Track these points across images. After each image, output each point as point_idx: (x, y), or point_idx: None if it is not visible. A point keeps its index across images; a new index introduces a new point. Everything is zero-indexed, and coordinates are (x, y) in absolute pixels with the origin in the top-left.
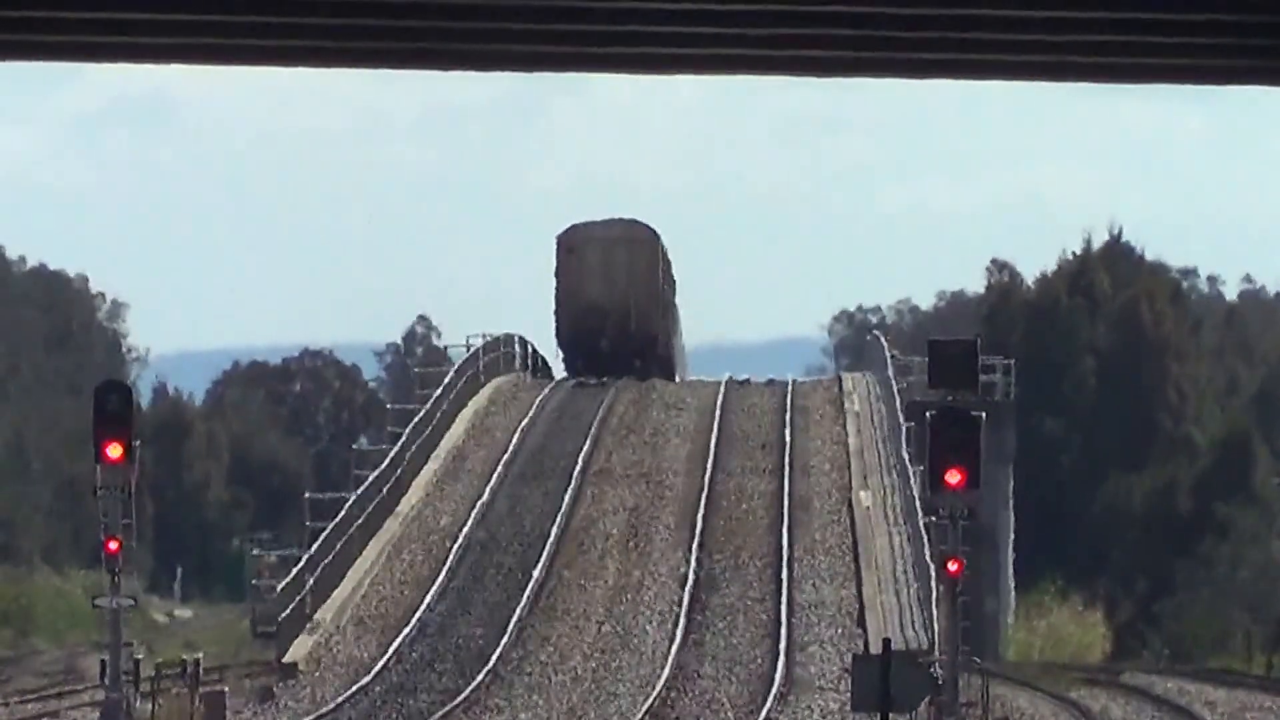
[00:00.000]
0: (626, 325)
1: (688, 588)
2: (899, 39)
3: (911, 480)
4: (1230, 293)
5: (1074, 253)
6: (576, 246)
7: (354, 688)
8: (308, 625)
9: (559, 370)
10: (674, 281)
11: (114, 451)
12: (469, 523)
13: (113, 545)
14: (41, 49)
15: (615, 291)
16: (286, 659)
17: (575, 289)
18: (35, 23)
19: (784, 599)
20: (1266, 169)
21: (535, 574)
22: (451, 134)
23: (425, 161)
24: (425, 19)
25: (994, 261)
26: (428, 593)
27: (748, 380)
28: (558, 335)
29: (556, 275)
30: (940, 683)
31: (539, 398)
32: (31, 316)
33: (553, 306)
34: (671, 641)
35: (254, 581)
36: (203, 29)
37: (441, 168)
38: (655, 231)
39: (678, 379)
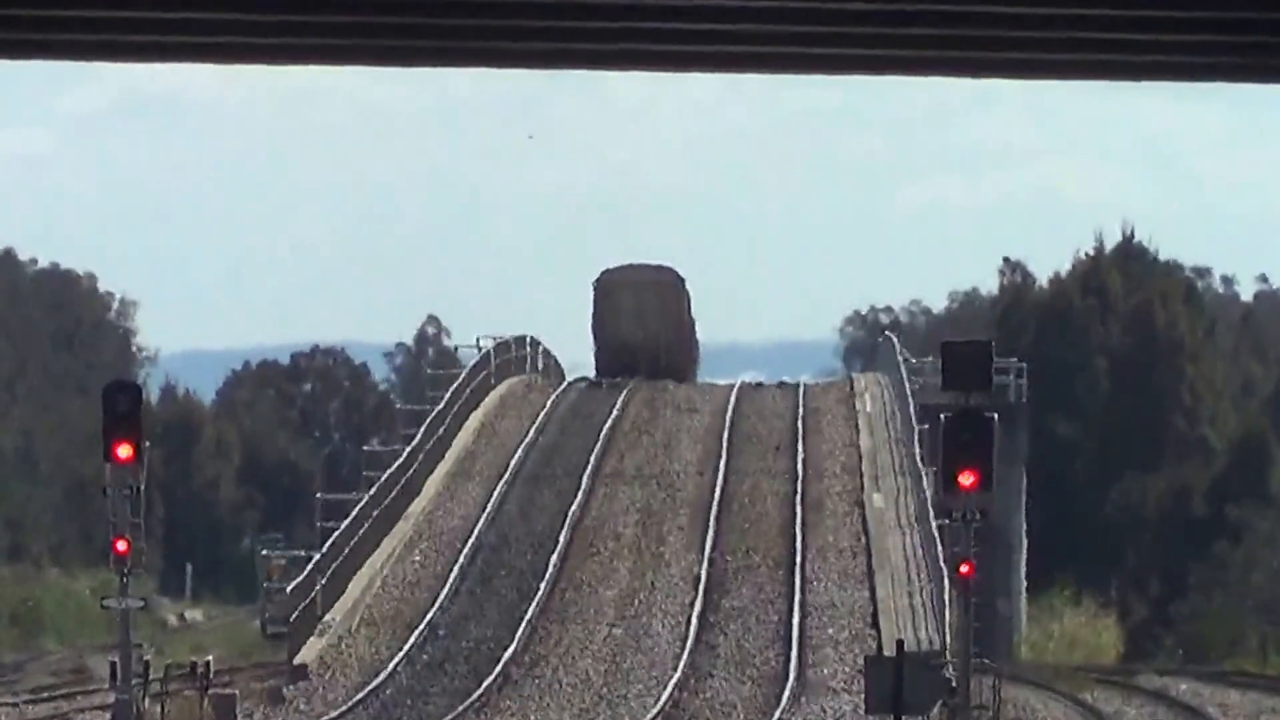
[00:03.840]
0: (657, 360)
1: (700, 589)
2: (911, 36)
3: (924, 482)
4: (1245, 293)
5: (1087, 253)
6: (612, 290)
7: (365, 690)
8: (319, 627)
9: (573, 372)
10: (693, 318)
11: (123, 451)
12: (480, 524)
13: (121, 545)
14: (50, 48)
15: (647, 331)
16: (297, 660)
17: (611, 329)
18: (44, 21)
19: (796, 601)
20: None
21: (546, 575)
22: (462, 131)
23: (435, 159)
24: (435, 16)
25: (1006, 261)
26: (439, 594)
27: (760, 383)
28: (596, 369)
29: (593, 315)
30: (953, 685)
31: (551, 399)
32: (40, 316)
33: (590, 343)
34: (683, 643)
35: (265, 583)
36: (212, 27)
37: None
38: (681, 275)
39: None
